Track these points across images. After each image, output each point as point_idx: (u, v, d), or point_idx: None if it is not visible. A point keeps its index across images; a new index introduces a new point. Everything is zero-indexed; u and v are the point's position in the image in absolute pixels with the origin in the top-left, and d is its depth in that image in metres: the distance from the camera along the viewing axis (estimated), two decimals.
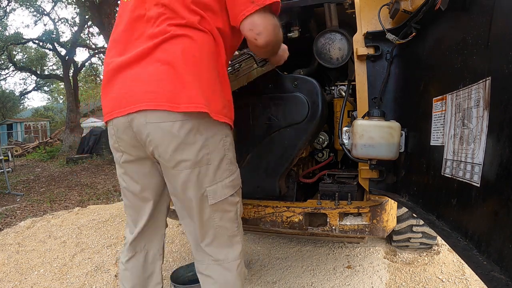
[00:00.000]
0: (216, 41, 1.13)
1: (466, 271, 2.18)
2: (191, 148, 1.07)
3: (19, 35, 13.13)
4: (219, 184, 1.14)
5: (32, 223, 3.79)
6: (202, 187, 1.12)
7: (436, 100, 0.95)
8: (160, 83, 1.03)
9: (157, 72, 1.04)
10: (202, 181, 1.12)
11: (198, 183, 1.12)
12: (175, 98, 1.02)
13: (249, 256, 2.56)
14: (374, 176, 1.39)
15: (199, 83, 1.05)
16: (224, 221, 1.20)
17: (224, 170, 1.16)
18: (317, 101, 1.58)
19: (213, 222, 1.18)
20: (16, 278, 2.43)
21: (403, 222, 2.24)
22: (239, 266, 1.24)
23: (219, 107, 1.10)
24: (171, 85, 1.03)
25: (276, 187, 1.70)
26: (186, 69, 1.04)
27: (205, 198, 1.14)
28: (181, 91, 1.03)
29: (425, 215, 0.98)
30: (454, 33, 0.87)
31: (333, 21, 1.60)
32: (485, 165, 0.67)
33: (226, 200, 1.17)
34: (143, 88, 1.04)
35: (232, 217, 1.21)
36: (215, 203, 1.15)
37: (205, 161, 1.10)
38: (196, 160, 1.09)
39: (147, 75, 1.05)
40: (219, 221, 1.19)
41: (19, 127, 22.11)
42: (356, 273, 2.23)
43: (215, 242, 1.21)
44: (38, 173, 7.93)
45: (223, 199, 1.16)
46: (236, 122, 1.76)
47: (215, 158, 1.12)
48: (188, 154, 1.08)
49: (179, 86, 1.03)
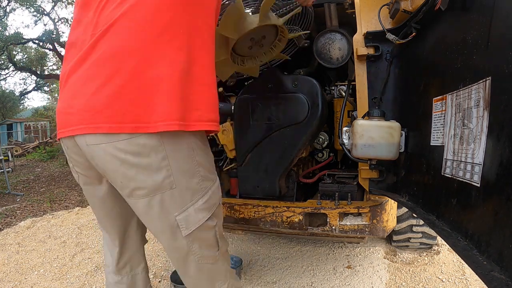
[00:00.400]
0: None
1: (466, 271, 2.18)
2: (144, 172, 0.85)
3: (19, 35, 13.11)
4: (191, 208, 0.93)
5: (32, 223, 3.79)
6: (170, 217, 0.91)
7: (436, 100, 0.95)
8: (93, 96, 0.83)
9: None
10: (167, 209, 0.90)
11: (163, 212, 0.91)
12: (114, 116, 0.81)
13: (249, 256, 2.56)
14: (374, 176, 1.39)
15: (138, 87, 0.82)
16: (204, 249, 1.00)
17: (196, 190, 0.93)
18: (317, 101, 1.58)
19: (194, 255, 0.98)
20: (16, 278, 2.43)
21: (403, 222, 2.24)
22: (231, 282, 1.11)
23: (178, 113, 0.84)
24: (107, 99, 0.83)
25: (276, 187, 1.70)
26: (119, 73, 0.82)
27: (176, 230, 0.93)
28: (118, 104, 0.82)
29: (425, 215, 0.98)
30: (454, 33, 0.87)
31: (333, 21, 1.60)
32: (485, 165, 0.67)
33: (202, 226, 0.95)
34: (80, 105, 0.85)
35: (212, 243, 1.01)
36: (189, 233, 0.94)
37: (167, 185, 0.88)
38: (155, 186, 0.87)
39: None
40: (199, 251, 0.99)
41: (19, 127, 22.10)
42: (356, 273, 2.23)
43: (199, 275, 1.04)
44: (38, 173, 7.93)
45: (198, 226, 0.94)
46: (236, 122, 1.77)
47: (181, 178, 0.89)
48: (143, 180, 0.86)
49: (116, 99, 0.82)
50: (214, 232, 1.01)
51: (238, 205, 1.73)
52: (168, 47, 0.85)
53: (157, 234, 0.99)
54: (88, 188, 1.05)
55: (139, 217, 1.00)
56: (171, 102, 0.83)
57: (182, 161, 0.90)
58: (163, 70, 0.84)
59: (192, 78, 0.88)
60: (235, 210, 1.74)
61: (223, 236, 1.09)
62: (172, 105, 0.83)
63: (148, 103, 0.82)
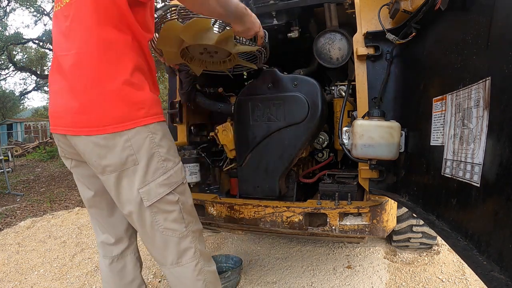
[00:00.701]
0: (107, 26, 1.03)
1: (466, 271, 2.18)
2: (112, 152, 1.04)
3: (19, 35, 13.11)
4: (152, 183, 1.09)
5: (32, 223, 3.79)
6: (134, 190, 1.08)
7: (436, 100, 0.95)
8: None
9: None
10: (132, 183, 1.08)
11: (129, 185, 1.08)
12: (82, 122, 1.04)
13: (249, 256, 2.56)
14: (374, 176, 1.39)
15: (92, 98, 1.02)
16: (169, 222, 1.14)
17: (156, 168, 1.10)
18: (317, 101, 1.58)
19: (158, 225, 1.13)
20: (16, 278, 2.43)
21: (403, 222, 2.24)
22: (197, 266, 1.20)
23: (127, 114, 1.04)
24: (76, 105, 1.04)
25: (276, 187, 1.70)
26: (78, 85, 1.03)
27: (140, 201, 1.09)
28: (83, 114, 1.03)
29: (425, 215, 0.98)
30: (454, 33, 0.87)
31: (333, 21, 1.60)
32: (485, 165, 0.67)
33: (163, 199, 1.11)
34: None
35: (176, 217, 1.15)
36: (150, 204, 1.09)
37: (130, 163, 1.06)
38: (121, 163, 1.05)
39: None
40: (163, 223, 1.13)
41: (19, 127, 22.11)
42: (356, 273, 2.23)
43: (165, 248, 1.16)
44: (38, 173, 7.93)
45: (159, 199, 1.10)
46: (236, 122, 1.77)
47: (142, 157, 1.07)
48: (111, 158, 1.05)
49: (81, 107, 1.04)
50: (178, 207, 1.15)
51: (238, 205, 1.73)
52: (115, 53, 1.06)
53: (125, 207, 1.12)
54: (77, 170, 1.24)
55: (111, 194, 1.14)
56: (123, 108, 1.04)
57: (143, 143, 1.07)
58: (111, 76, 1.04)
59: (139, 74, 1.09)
60: (235, 210, 1.74)
61: (194, 215, 1.25)
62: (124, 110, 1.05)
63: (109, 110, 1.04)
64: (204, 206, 1.81)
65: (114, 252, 1.32)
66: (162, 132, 1.13)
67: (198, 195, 1.90)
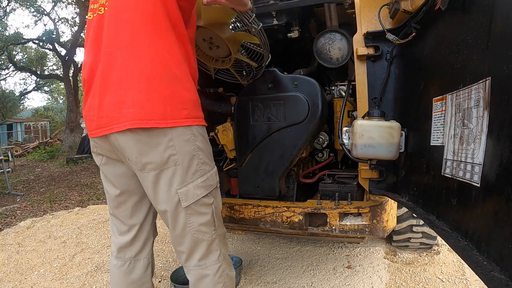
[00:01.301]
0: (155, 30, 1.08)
1: (466, 271, 2.18)
2: (155, 150, 1.07)
3: (19, 35, 13.10)
4: (191, 185, 1.12)
5: (32, 223, 3.79)
6: (172, 189, 1.11)
7: (436, 100, 0.95)
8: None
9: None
10: (171, 182, 1.10)
11: (168, 185, 1.11)
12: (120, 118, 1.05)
13: (249, 256, 2.56)
14: (374, 176, 1.39)
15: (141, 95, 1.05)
16: (202, 224, 1.17)
17: (196, 170, 1.14)
18: (317, 101, 1.58)
19: (191, 227, 1.16)
20: (16, 278, 2.43)
21: (403, 222, 2.24)
22: (220, 269, 1.22)
23: (169, 112, 1.07)
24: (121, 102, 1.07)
25: (276, 187, 1.70)
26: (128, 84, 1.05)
27: (177, 201, 1.12)
28: (126, 108, 1.05)
29: (425, 215, 0.98)
30: (454, 33, 0.87)
31: (333, 21, 1.60)
32: (485, 165, 0.67)
33: (199, 201, 1.14)
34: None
35: (209, 220, 1.19)
36: (188, 205, 1.13)
37: (172, 163, 1.09)
38: (162, 162, 1.08)
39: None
40: (197, 226, 1.17)
41: (19, 127, 22.11)
42: (356, 273, 2.23)
43: (193, 249, 1.20)
44: (38, 173, 7.93)
45: (195, 200, 1.13)
46: (236, 122, 1.77)
47: (184, 158, 1.10)
48: (153, 156, 1.07)
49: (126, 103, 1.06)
50: (211, 210, 1.19)
51: (238, 205, 1.73)
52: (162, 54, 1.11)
53: (161, 205, 1.15)
54: (106, 167, 1.25)
55: (147, 191, 1.17)
56: (168, 103, 1.07)
57: (184, 145, 1.10)
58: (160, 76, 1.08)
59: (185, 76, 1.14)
60: (235, 210, 1.74)
61: (221, 220, 1.28)
62: (170, 106, 1.08)
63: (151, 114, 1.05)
64: None
65: (127, 255, 1.31)
66: (202, 135, 1.18)
67: None
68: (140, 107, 1.03)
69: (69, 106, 12.96)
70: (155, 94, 1.04)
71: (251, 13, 1.36)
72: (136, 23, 1.07)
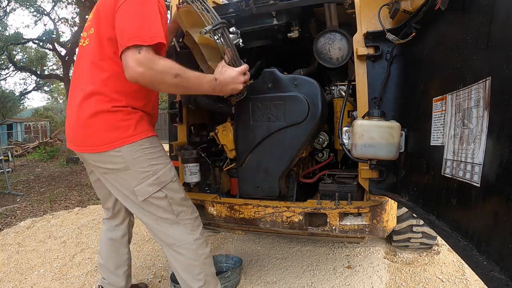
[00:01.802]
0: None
1: (466, 271, 2.18)
2: (110, 162, 1.37)
3: (19, 35, 13.10)
4: (144, 183, 1.39)
5: (32, 223, 3.79)
6: (130, 187, 1.40)
7: (436, 100, 0.95)
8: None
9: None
10: (128, 182, 1.39)
11: (126, 184, 1.40)
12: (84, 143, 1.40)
13: (249, 256, 2.56)
14: (374, 176, 1.39)
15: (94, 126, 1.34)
16: (161, 212, 1.45)
17: (145, 172, 1.39)
18: (317, 101, 1.58)
19: (152, 215, 1.46)
20: (16, 278, 2.43)
21: (403, 222, 2.24)
22: (193, 247, 1.50)
23: (117, 135, 1.33)
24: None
25: (276, 187, 1.70)
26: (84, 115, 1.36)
27: (135, 196, 1.41)
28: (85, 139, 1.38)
29: (425, 215, 0.98)
30: (454, 33, 0.87)
31: (333, 21, 1.60)
32: (485, 165, 0.67)
33: (152, 196, 1.41)
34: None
35: (166, 208, 1.45)
36: (143, 199, 1.41)
37: (123, 169, 1.37)
38: (117, 168, 1.38)
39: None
40: (156, 213, 1.45)
41: (19, 127, 22.09)
42: (356, 273, 2.23)
43: (161, 234, 1.49)
44: (38, 173, 7.93)
45: (148, 196, 1.40)
46: (236, 122, 1.77)
47: (134, 165, 1.37)
48: (110, 165, 1.38)
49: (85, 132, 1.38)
50: (166, 201, 1.45)
51: (238, 205, 1.73)
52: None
53: (125, 201, 1.49)
54: (90, 176, 1.69)
55: (111, 191, 1.51)
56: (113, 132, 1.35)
57: (133, 155, 1.37)
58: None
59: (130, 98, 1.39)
60: (235, 210, 1.74)
61: (187, 205, 1.53)
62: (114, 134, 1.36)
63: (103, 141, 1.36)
64: (204, 206, 1.81)
65: (110, 224, 1.81)
66: (149, 143, 1.41)
67: (198, 195, 1.90)
68: (94, 139, 1.34)
69: None
70: (103, 125, 1.32)
71: (215, 15, 1.40)
72: (87, 60, 1.37)
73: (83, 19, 12.20)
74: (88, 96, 1.33)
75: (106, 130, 1.34)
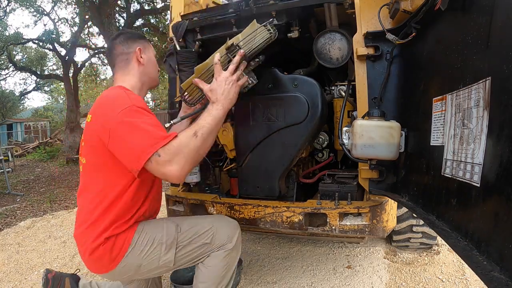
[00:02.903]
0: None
1: (466, 271, 2.18)
2: (120, 273, 1.40)
3: (19, 35, 13.08)
4: (162, 258, 1.41)
5: (32, 223, 3.79)
6: (159, 269, 1.44)
7: (436, 100, 0.95)
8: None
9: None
10: (154, 267, 1.42)
11: (154, 271, 1.44)
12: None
13: (249, 256, 2.56)
14: (374, 176, 1.39)
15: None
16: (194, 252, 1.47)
17: (155, 251, 1.40)
18: (317, 101, 1.58)
19: (194, 259, 1.47)
20: (16, 278, 2.43)
21: (403, 222, 2.24)
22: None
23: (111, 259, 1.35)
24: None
25: (276, 187, 1.70)
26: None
27: (169, 267, 1.47)
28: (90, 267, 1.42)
29: (425, 215, 0.98)
30: (454, 33, 0.87)
31: (333, 21, 1.60)
32: (485, 165, 0.67)
33: (177, 255, 1.42)
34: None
35: (194, 249, 1.45)
36: (174, 264, 1.45)
37: (137, 267, 1.41)
38: (133, 267, 1.40)
39: None
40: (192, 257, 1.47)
41: (19, 127, 22.11)
42: (356, 273, 2.23)
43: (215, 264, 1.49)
44: (38, 173, 7.93)
45: (174, 258, 1.42)
46: (236, 122, 1.77)
47: (143, 261, 1.39)
48: (125, 273, 1.41)
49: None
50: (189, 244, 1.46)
51: (238, 205, 1.73)
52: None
53: (163, 272, 1.55)
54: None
55: (148, 278, 1.59)
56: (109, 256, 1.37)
57: (132, 258, 1.38)
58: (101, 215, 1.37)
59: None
60: (235, 210, 1.74)
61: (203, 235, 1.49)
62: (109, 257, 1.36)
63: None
64: (204, 206, 1.81)
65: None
66: (140, 243, 1.38)
67: (198, 195, 1.90)
68: (97, 265, 1.37)
69: (69, 106, 12.95)
70: (97, 253, 1.33)
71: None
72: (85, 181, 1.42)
73: (83, 19, 12.21)
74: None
75: (102, 258, 1.38)
